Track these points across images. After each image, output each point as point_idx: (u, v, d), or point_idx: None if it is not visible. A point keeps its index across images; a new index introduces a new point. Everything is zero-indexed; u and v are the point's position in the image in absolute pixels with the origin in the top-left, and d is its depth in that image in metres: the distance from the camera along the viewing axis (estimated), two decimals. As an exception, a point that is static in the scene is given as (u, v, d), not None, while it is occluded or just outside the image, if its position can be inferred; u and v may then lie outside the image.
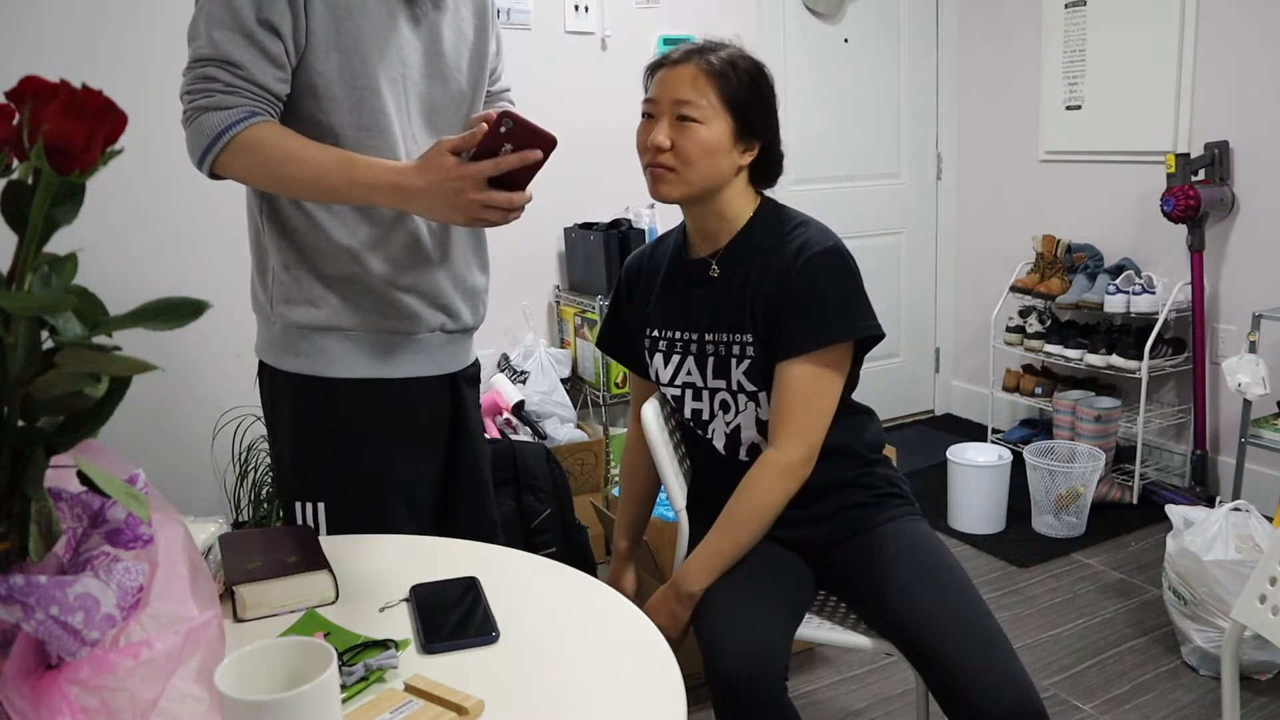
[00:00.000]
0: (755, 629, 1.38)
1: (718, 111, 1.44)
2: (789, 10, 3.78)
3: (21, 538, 0.69)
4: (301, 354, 1.36)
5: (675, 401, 1.61)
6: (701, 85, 1.43)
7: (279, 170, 1.26)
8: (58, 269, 0.69)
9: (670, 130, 1.44)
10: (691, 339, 1.55)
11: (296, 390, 1.38)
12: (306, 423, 1.39)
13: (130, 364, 0.64)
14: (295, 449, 1.42)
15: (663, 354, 1.59)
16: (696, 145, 1.43)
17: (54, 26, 2.48)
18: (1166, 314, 3.20)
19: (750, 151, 1.49)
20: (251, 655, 0.80)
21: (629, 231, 3.11)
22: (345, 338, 1.37)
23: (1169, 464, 3.51)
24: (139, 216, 2.61)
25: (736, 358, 1.52)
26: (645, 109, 1.49)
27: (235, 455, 2.65)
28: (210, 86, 1.24)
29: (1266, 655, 2.22)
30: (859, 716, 2.20)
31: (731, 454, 1.58)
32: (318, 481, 1.40)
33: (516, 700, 0.92)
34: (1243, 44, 3.12)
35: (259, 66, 1.25)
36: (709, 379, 1.55)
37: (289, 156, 1.25)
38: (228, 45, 1.24)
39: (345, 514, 1.39)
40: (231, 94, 1.25)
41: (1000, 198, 4.03)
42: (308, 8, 1.27)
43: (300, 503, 1.41)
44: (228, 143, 1.24)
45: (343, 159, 1.26)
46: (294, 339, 1.36)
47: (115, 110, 0.65)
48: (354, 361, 1.38)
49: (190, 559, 0.79)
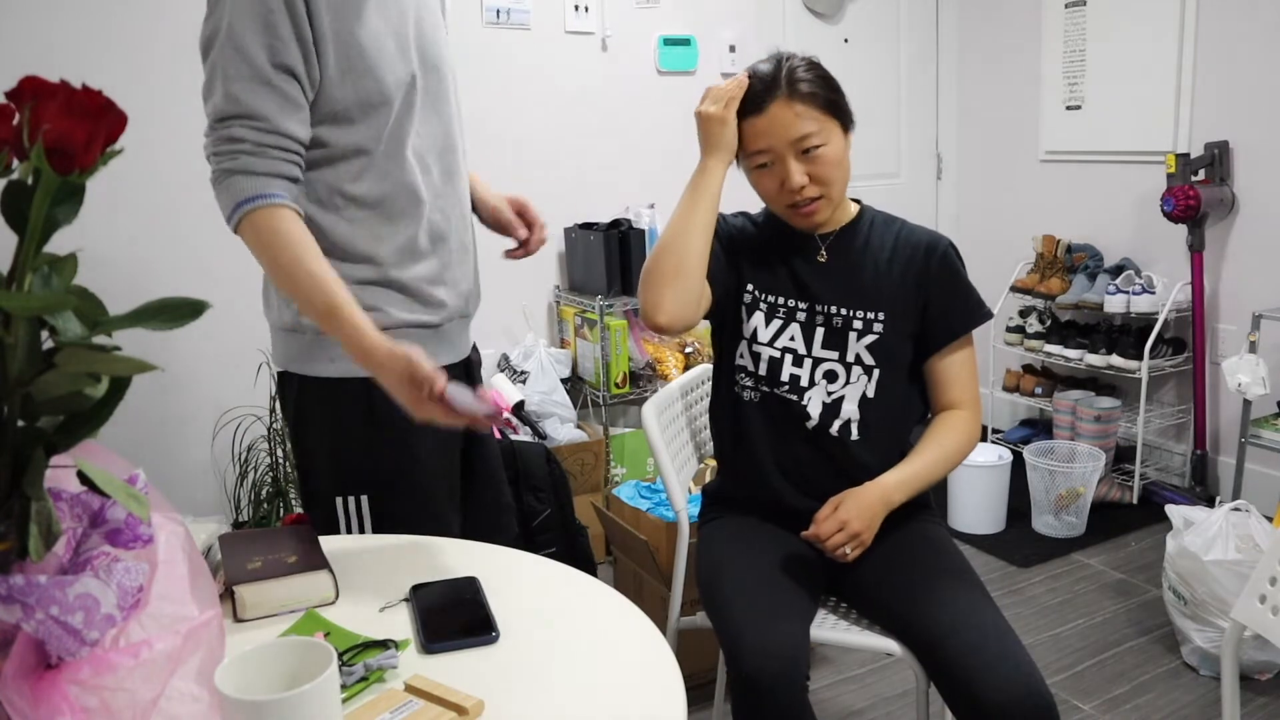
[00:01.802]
0: (779, 628, 1.37)
1: (830, 125, 1.49)
2: (789, 10, 3.78)
3: (21, 538, 0.69)
4: (336, 358, 1.38)
5: (771, 364, 1.60)
6: (804, 112, 1.47)
7: (274, 268, 1.28)
8: (58, 269, 0.69)
9: (802, 166, 1.49)
10: (800, 307, 1.60)
11: (332, 393, 1.42)
12: (346, 422, 1.43)
13: (130, 364, 0.64)
14: (334, 449, 1.45)
15: (763, 314, 1.61)
16: (829, 166, 1.50)
17: (57, 26, 2.48)
18: (1166, 314, 3.20)
19: (851, 134, 1.56)
20: (251, 655, 0.80)
21: (629, 231, 3.11)
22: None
23: (1169, 464, 3.51)
24: (140, 216, 2.61)
25: (858, 332, 1.57)
26: (759, 160, 1.51)
27: (235, 455, 2.65)
28: (237, 148, 1.26)
29: (1266, 655, 2.22)
30: (859, 716, 2.20)
31: (824, 425, 1.58)
32: (360, 477, 1.44)
33: (516, 700, 0.92)
34: (1243, 44, 3.12)
35: (283, 114, 1.27)
36: (815, 348, 1.59)
37: (283, 252, 1.26)
38: (248, 97, 1.25)
39: (390, 504, 1.44)
40: (258, 155, 1.26)
41: (1000, 198, 4.03)
42: (318, 44, 1.28)
43: (342, 498, 1.44)
44: (241, 218, 1.26)
45: (328, 305, 1.24)
46: (327, 345, 1.39)
47: (115, 110, 0.65)
48: None
49: (190, 559, 0.79)
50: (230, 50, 1.24)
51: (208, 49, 1.28)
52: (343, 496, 1.44)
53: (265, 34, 1.24)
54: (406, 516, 1.42)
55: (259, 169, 1.26)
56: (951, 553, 1.54)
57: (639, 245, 3.11)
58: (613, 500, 2.55)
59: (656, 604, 2.26)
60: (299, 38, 1.27)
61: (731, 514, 1.66)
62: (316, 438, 1.47)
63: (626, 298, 3.08)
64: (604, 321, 3.05)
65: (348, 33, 1.31)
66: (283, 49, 1.26)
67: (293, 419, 1.50)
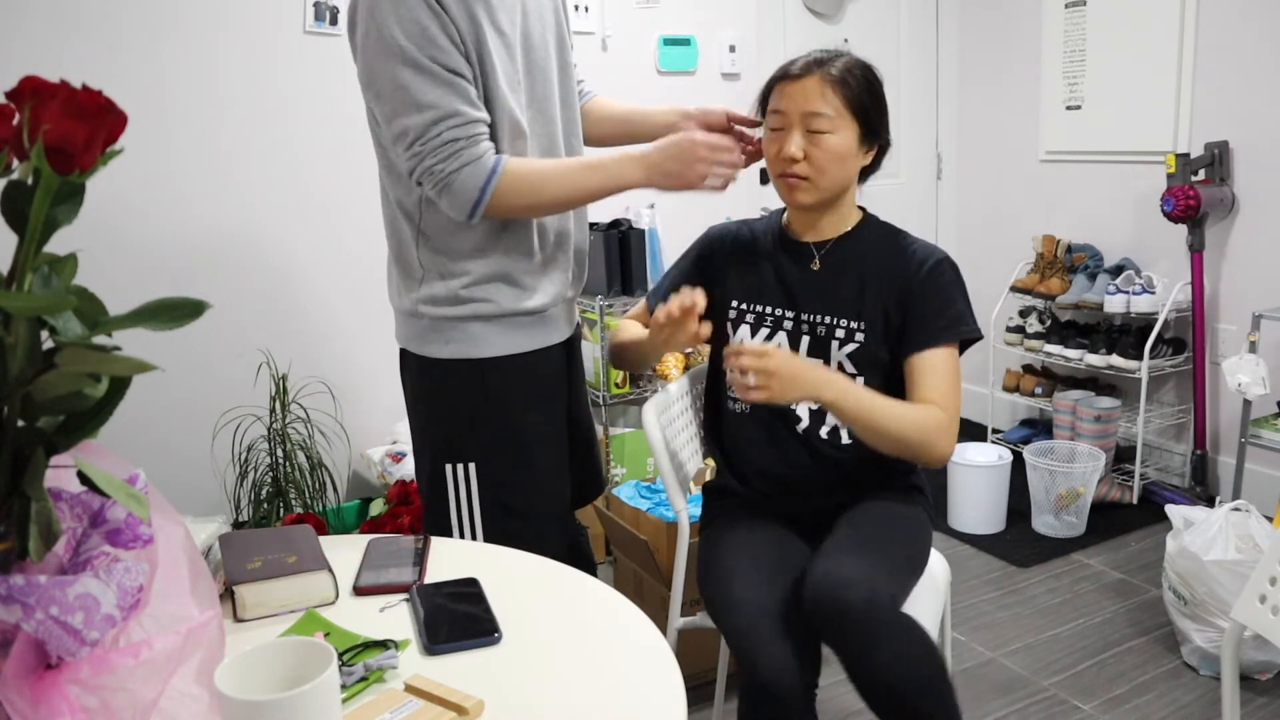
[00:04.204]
0: (792, 633, 1.37)
1: (845, 119, 1.50)
2: (789, 10, 3.78)
3: (21, 538, 0.69)
4: (453, 340, 1.54)
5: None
6: (828, 96, 1.49)
7: (541, 194, 1.46)
8: (57, 269, 0.69)
9: (802, 141, 1.50)
10: (787, 315, 1.61)
11: (447, 372, 1.56)
12: (456, 398, 1.57)
13: (130, 364, 0.64)
14: (449, 420, 1.58)
15: (750, 326, 1.64)
16: (828, 154, 1.50)
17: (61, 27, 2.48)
18: (1166, 314, 3.20)
19: (872, 152, 1.57)
20: (251, 655, 0.80)
21: (629, 231, 3.11)
22: (490, 322, 1.55)
23: (1169, 464, 3.51)
24: (141, 215, 2.61)
25: (840, 340, 1.57)
26: (773, 123, 1.54)
27: (235, 455, 2.65)
28: (453, 148, 1.40)
29: (1266, 655, 2.22)
30: (859, 716, 2.19)
31: (814, 429, 1.60)
32: (466, 445, 1.56)
33: (516, 700, 0.92)
34: (1243, 44, 3.12)
35: (473, 105, 1.42)
36: (801, 355, 1.59)
37: (545, 179, 1.46)
38: (443, 101, 1.39)
39: (495, 471, 1.57)
40: (472, 145, 1.41)
41: (1000, 198, 4.03)
42: (466, 50, 1.41)
43: (452, 465, 1.56)
44: (492, 193, 1.42)
45: (585, 164, 1.48)
46: (443, 329, 1.54)
47: (115, 110, 0.65)
48: (497, 342, 1.55)
49: (190, 559, 0.79)
50: (407, 70, 1.37)
51: (376, 78, 1.41)
52: (451, 464, 1.56)
53: (429, 46, 1.37)
54: (508, 483, 1.57)
55: (476, 154, 1.41)
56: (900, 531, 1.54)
57: (639, 245, 3.10)
58: (613, 500, 2.55)
59: (656, 604, 2.26)
60: (454, 44, 1.40)
61: (732, 514, 1.66)
62: (430, 413, 1.60)
63: (626, 298, 3.08)
64: (604, 321, 3.05)
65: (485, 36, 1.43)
66: (444, 56, 1.38)
67: (410, 395, 1.64)
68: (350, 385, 2.95)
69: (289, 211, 2.84)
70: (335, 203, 2.90)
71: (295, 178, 2.83)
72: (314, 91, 2.81)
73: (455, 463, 1.56)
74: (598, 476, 1.88)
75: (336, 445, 2.86)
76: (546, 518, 1.63)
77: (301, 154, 2.83)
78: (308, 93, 2.81)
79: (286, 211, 2.84)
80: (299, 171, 2.84)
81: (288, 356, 2.80)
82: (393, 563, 1.19)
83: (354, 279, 2.95)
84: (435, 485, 1.57)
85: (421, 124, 1.39)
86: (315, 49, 2.80)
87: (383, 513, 2.60)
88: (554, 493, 1.65)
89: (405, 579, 1.15)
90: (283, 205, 2.83)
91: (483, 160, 1.41)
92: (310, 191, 2.86)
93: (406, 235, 1.54)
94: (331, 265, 2.93)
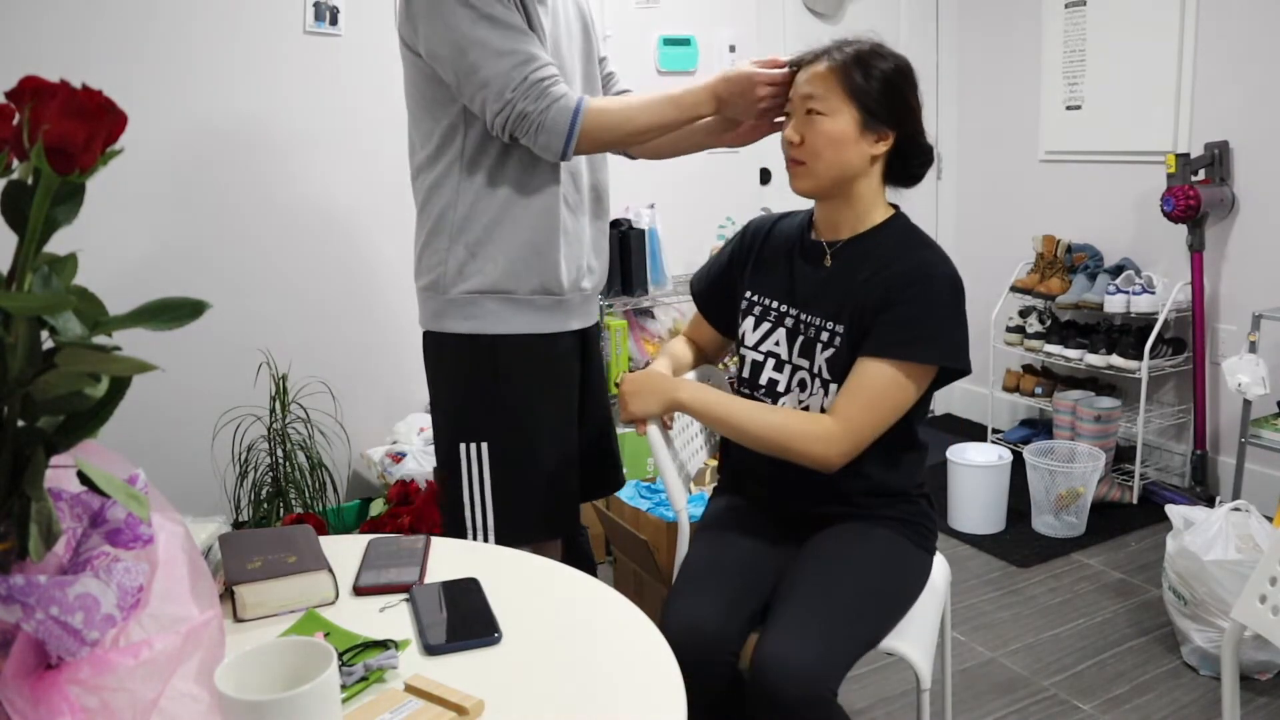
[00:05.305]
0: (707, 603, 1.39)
1: (842, 103, 1.48)
2: (789, 10, 3.78)
3: (21, 538, 0.68)
4: (471, 317, 1.63)
5: (753, 367, 1.62)
6: (827, 80, 1.49)
7: (628, 126, 1.57)
8: (58, 269, 0.69)
9: (800, 125, 1.50)
10: (788, 313, 1.59)
11: (465, 348, 1.64)
12: (473, 374, 1.65)
13: (130, 364, 0.64)
14: (462, 398, 1.66)
15: (754, 319, 1.63)
16: (821, 136, 1.48)
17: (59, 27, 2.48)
18: (1166, 314, 3.20)
19: (884, 141, 1.51)
20: (251, 655, 0.80)
21: (629, 231, 3.11)
22: (508, 300, 1.63)
23: (1169, 464, 3.51)
24: (140, 215, 2.61)
25: (823, 344, 1.53)
26: (788, 108, 1.56)
27: (235, 455, 2.65)
28: (540, 89, 1.49)
29: (1266, 655, 2.22)
30: (859, 716, 2.19)
31: None
32: (481, 424, 1.64)
33: (516, 700, 0.92)
34: (1243, 44, 3.12)
35: (544, 51, 1.53)
36: (794, 355, 1.58)
37: (627, 112, 1.57)
38: (521, 46, 1.49)
39: (504, 451, 1.64)
40: (554, 84, 1.51)
41: (1000, 198, 4.03)
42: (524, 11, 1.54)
43: (465, 444, 1.64)
44: (581, 127, 1.51)
45: (665, 97, 1.59)
46: (462, 304, 1.63)
47: (115, 110, 0.65)
48: (513, 320, 1.64)
49: (190, 559, 0.79)
50: (481, 24, 1.47)
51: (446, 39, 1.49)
52: (465, 442, 1.64)
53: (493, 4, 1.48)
54: (517, 463, 1.63)
55: (560, 93, 1.50)
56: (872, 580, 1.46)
57: (639, 245, 3.10)
58: (613, 500, 2.55)
59: (656, 604, 2.26)
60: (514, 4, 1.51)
61: (725, 510, 1.67)
62: (449, 391, 1.68)
63: (627, 298, 3.08)
64: (604, 322, 3.05)
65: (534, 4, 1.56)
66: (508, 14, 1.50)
67: (430, 373, 1.71)
68: (350, 385, 2.95)
69: (288, 211, 2.84)
70: (334, 202, 2.90)
71: (294, 178, 2.84)
72: (314, 91, 2.81)
73: (469, 442, 1.63)
74: (617, 469, 1.91)
75: (336, 445, 2.86)
76: (553, 501, 1.68)
77: (301, 154, 2.83)
78: (308, 93, 2.81)
79: (286, 211, 2.84)
80: (298, 171, 2.84)
81: (288, 356, 2.80)
82: (393, 563, 1.19)
83: (354, 279, 2.95)
84: (451, 466, 1.64)
85: (504, 69, 1.47)
86: (315, 49, 2.80)
87: (383, 513, 2.60)
88: (562, 478, 1.68)
89: (405, 579, 1.15)
90: (282, 205, 2.83)
91: (567, 98, 1.50)
92: (309, 191, 2.86)
93: (435, 214, 1.62)
94: (332, 265, 2.93)
